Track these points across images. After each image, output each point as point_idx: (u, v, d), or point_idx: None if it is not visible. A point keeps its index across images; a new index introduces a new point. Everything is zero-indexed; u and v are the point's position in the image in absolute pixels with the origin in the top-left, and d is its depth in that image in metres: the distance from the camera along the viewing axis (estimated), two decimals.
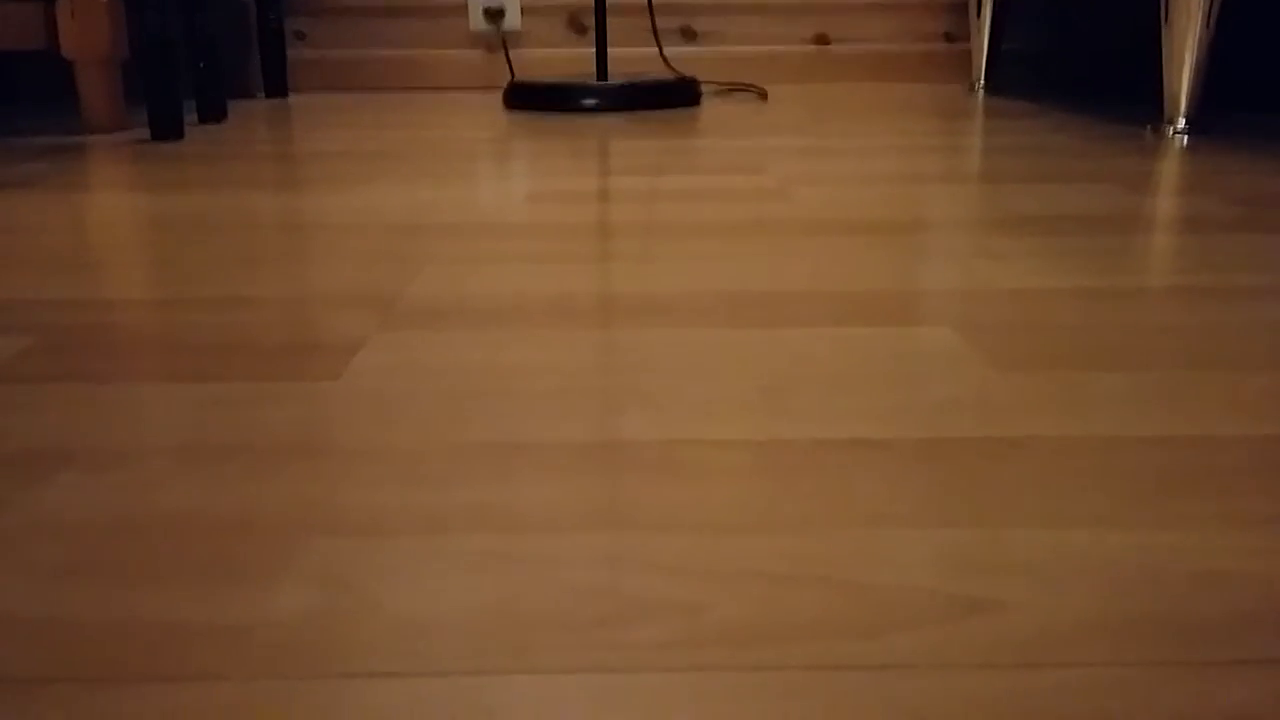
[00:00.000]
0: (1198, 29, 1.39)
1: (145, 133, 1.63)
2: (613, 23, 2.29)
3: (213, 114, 1.77)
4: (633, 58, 2.31)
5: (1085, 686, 0.30)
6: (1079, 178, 1.15)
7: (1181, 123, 1.43)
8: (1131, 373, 0.54)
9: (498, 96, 2.19)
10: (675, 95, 1.95)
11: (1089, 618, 0.33)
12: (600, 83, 1.92)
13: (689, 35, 2.33)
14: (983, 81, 2.14)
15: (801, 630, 0.32)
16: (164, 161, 1.35)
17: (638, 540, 0.38)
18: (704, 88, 2.02)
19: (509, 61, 2.22)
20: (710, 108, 1.94)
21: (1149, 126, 1.50)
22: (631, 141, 1.51)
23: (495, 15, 2.28)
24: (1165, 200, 1.03)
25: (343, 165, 1.31)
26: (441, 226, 0.94)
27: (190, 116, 1.84)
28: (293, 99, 2.20)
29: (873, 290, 0.71)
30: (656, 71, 2.05)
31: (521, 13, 2.31)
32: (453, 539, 0.38)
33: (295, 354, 0.59)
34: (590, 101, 1.89)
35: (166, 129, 1.55)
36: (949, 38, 2.32)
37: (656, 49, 2.07)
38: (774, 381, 0.54)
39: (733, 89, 2.16)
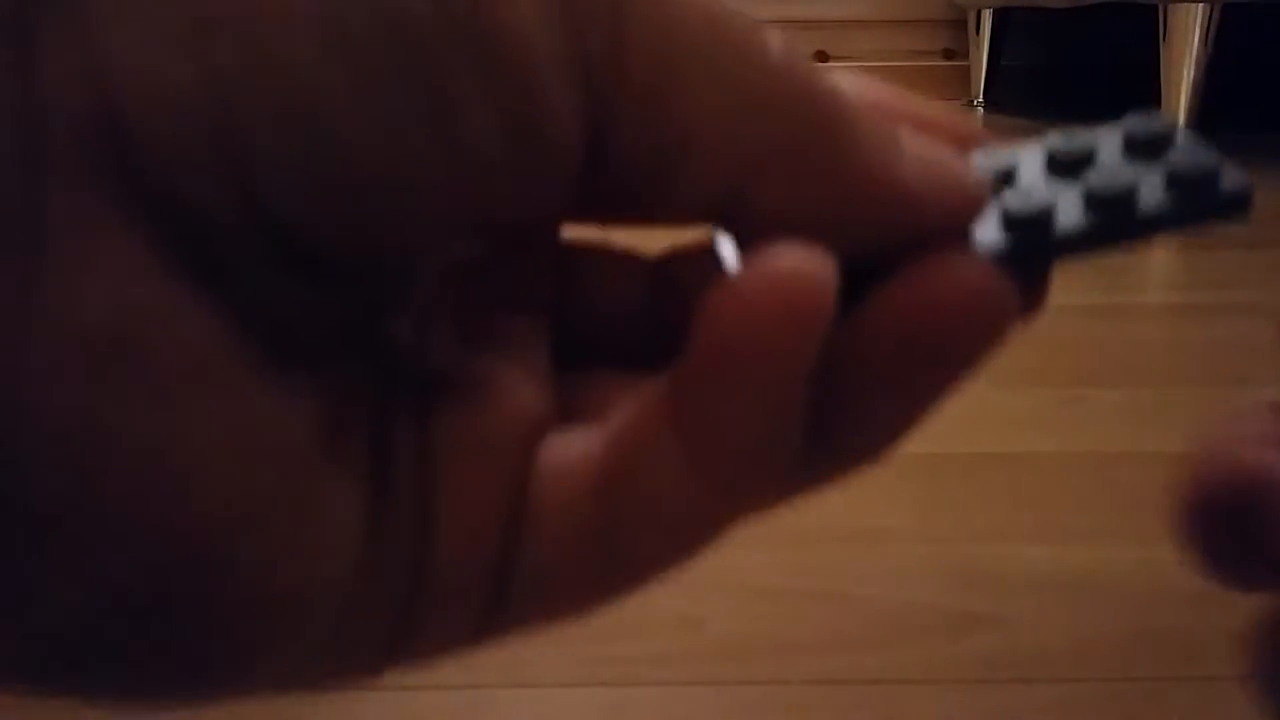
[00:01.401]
0: (1195, 47, 1.39)
1: None
2: None
3: None
4: None
5: (1083, 701, 0.30)
6: None
7: None
8: (1130, 388, 0.55)
9: None
10: None
11: (1087, 633, 0.33)
12: None
13: None
14: (982, 98, 2.15)
15: (800, 644, 0.32)
16: None
17: None
18: None
19: None
20: None
21: None
22: None
23: None
24: None
25: None
26: None
27: None
28: None
29: None
30: None
31: None
32: None
33: None
34: None
35: None
36: (948, 54, 2.33)
37: None
38: None
39: None
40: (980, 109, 2.12)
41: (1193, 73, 1.40)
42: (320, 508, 0.11)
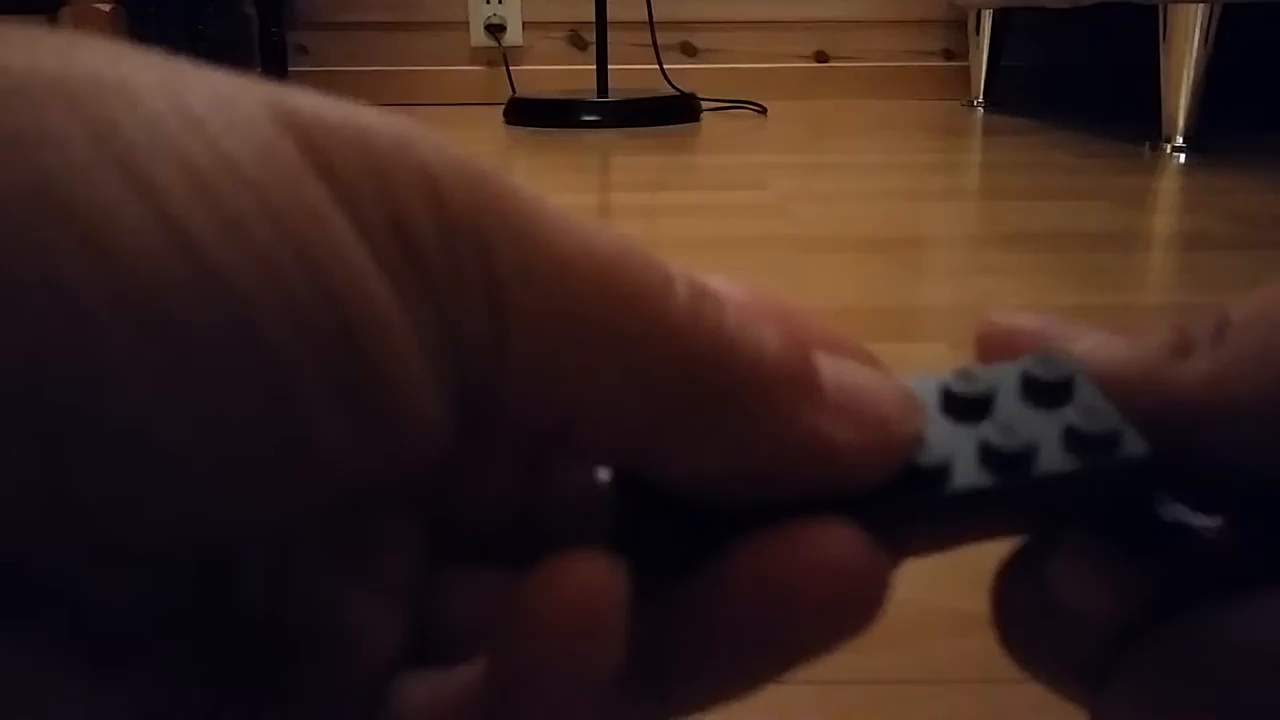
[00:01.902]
0: (1195, 47, 1.39)
1: None
2: (613, 39, 2.30)
3: None
4: (633, 74, 2.32)
5: None
6: (1077, 195, 1.15)
7: (1179, 140, 1.43)
8: None
9: (499, 112, 2.19)
10: (675, 111, 1.96)
11: None
12: (601, 99, 1.93)
13: (689, 51, 2.34)
14: (982, 98, 2.15)
15: None
16: None
17: None
18: (704, 104, 2.03)
19: (510, 77, 2.23)
20: (710, 124, 1.95)
21: (1147, 144, 1.51)
22: (632, 157, 1.52)
23: (497, 31, 2.29)
24: (1163, 218, 1.04)
25: None
26: None
27: None
28: None
29: (870, 306, 0.71)
30: (657, 88, 2.06)
31: (523, 28, 2.32)
32: None
33: None
34: (591, 117, 1.90)
35: None
36: (948, 54, 2.33)
37: (657, 65, 2.08)
38: None
39: (732, 105, 2.16)
40: (980, 109, 2.12)
41: (1193, 73, 1.40)
42: None
